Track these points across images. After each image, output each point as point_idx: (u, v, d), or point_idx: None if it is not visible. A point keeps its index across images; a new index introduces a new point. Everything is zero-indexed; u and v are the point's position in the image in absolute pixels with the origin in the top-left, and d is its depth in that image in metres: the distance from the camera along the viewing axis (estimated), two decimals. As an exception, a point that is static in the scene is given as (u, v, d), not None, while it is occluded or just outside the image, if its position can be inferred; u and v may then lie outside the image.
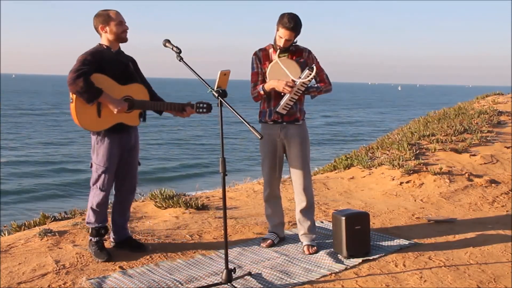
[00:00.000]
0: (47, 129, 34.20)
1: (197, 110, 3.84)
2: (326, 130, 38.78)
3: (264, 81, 4.03)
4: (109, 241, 4.08)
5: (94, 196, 3.82)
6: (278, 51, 3.97)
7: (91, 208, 3.85)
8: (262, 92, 3.99)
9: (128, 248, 4.00)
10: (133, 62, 3.93)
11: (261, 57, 4.06)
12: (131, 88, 3.76)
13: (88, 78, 3.49)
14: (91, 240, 3.91)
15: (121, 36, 3.75)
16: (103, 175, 3.76)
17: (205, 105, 3.85)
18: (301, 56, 4.02)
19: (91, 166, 3.83)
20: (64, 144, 27.35)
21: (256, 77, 4.06)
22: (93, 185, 3.82)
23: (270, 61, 4.01)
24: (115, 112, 3.62)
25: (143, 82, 3.91)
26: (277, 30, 3.92)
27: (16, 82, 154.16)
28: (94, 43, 3.80)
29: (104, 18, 3.70)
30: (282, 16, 3.89)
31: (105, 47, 3.75)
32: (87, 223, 3.92)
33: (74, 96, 3.54)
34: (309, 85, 3.97)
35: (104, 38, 3.75)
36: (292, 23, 3.84)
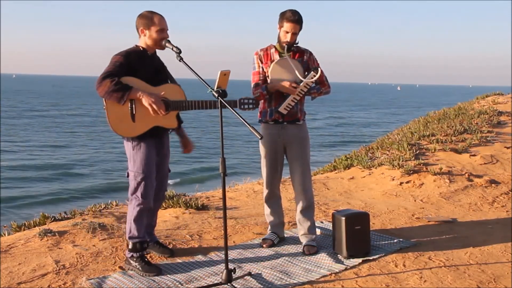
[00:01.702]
0: (46, 131, 34.06)
1: (241, 107, 3.62)
2: (326, 131, 38.76)
3: (265, 80, 4.03)
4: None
5: (136, 206, 3.57)
6: (286, 46, 3.95)
7: (134, 220, 3.58)
8: (264, 92, 3.98)
9: (156, 252, 3.90)
10: (165, 67, 3.82)
11: (263, 57, 4.05)
12: (165, 88, 3.59)
13: (115, 78, 3.34)
14: (132, 256, 3.62)
15: (159, 43, 3.59)
16: (143, 183, 3.53)
17: (251, 101, 3.64)
18: (302, 57, 4.03)
19: (127, 176, 3.61)
20: (63, 147, 27.13)
21: (258, 76, 4.05)
22: (133, 194, 3.58)
23: (272, 60, 4.01)
24: (149, 108, 3.40)
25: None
26: (281, 27, 3.94)
27: (16, 82, 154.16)
28: (94, 43, 3.76)
29: (147, 21, 3.55)
30: (284, 12, 3.92)
31: (141, 48, 3.61)
32: (129, 237, 3.62)
33: (106, 103, 3.41)
34: (311, 86, 3.99)
35: (142, 41, 3.61)
36: (296, 15, 3.89)
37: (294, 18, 3.87)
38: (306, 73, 3.93)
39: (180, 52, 3.53)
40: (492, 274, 3.63)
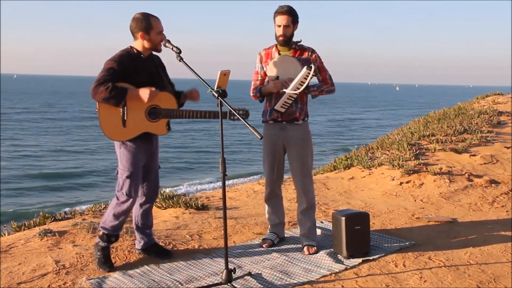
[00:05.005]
0: (44, 134, 33.78)
1: (231, 118, 3.56)
2: (326, 132, 38.72)
3: (263, 81, 4.09)
4: (134, 250, 3.97)
5: (118, 203, 3.64)
6: (277, 46, 3.98)
7: (113, 214, 3.65)
8: (258, 95, 4.07)
9: (154, 254, 3.89)
10: (162, 65, 3.79)
11: (264, 56, 4.10)
12: (157, 96, 3.57)
13: (108, 85, 3.37)
14: (98, 243, 3.72)
15: (158, 47, 3.62)
16: (128, 180, 3.60)
17: (241, 112, 3.55)
18: (303, 55, 4.03)
19: (117, 173, 3.68)
20: (62, 151, 26.69)
21: (256, 76, 4.13)
22: (118, 191, 3.65)
23: (271, 59, 4.03)
24: (145, 100, 3.45)
25: (171, 86, 3.77)
26: (274, 23, 3.98)
27: (17, 82, 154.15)
28: (95, 43, 3.72)
29: (146, 25, 3.53)
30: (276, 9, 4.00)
31: (135, 51, 3.60)
32: (102, 227, 3.71)
33: (98, 108, 3.46)
34: (309, 84, 3.97)
35: (139, 44, 3.59)
36: (285, 7, 3.93)
37: (282, 10, 3.92)
38: (302, 70, 3.88)
39: (180, 52, 3.52)
40: (492, 274, 3.63)
